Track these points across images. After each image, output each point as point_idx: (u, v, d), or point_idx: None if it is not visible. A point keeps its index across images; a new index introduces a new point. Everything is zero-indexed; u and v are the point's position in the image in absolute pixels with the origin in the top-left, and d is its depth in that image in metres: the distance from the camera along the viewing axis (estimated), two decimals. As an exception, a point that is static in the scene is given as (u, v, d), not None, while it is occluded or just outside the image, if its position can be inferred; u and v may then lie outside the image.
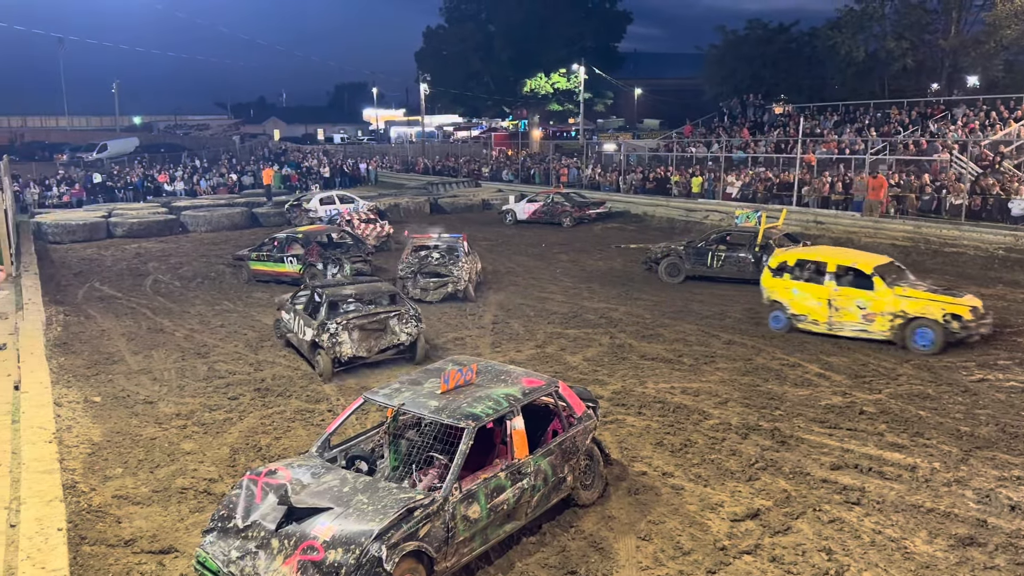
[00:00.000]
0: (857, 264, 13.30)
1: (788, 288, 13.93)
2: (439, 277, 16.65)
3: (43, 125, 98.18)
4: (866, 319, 13.02)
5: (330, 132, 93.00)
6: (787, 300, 13.93)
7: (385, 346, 12.25)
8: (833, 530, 7.21)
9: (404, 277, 16.82)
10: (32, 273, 19.00)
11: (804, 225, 24.37)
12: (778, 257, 14.40)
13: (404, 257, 17.69)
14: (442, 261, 17.15)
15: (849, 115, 36.21)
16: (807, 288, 13.63)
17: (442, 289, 16.53)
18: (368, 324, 12.08)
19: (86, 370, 12.29)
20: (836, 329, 13.35)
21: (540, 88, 56.03)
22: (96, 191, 37.76)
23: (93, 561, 6.70)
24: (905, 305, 12.69)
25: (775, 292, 14.18)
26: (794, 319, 13.83)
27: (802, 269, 13.93)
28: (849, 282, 13.24)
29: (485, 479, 6.58)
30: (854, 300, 13.05)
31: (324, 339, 11.71)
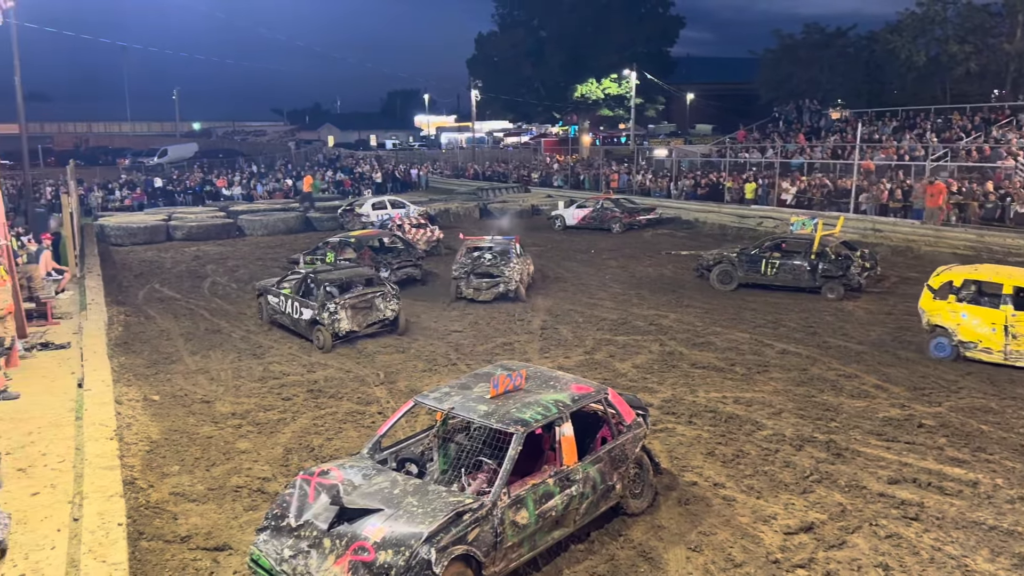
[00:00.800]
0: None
1: (956, 312, 12.58)
2: (491, 278, 17.10)
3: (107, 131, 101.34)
4: None
5: (382, 138, 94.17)
6: (954, 326, 12.55)
7: (373, 320, 14.43)
8: (890, 546, 7.02)
9: (458, 277, 17.25)
10: (95, 274, 19.63)
11: (862, 233, 23.86)
12: (941, 276, 12.96)
13: (458, 258, 18.15)
14: (494, 262, 17.54)
15: (909, 120, 35.38)
16: (977, 312, 12.33)
17: (494, 289, 16.94)
18: (359, 303, 14.25)
19: (146, 369, 12.63)
20: (1013, 359, 12.01)
21: (591, 94, 55.85)
22: (156, 195, 38.83)
23: (151, 556, 6.86)
24: None
25: (939, 316, 12.78)
26: (963, 347, 12.51)
27: (970, 290, 12.74)
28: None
29: (534, 485, 6.57)
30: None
31: (324, 317, 13.67)
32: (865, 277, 17.30)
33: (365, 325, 14.30)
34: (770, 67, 48.56)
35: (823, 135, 37.19)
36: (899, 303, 16.61)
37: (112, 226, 28.40)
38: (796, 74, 45.58)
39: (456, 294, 17.24)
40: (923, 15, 38.29)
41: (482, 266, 17.43)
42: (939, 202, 23.10)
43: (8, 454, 7.95)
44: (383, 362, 12.87)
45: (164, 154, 65.74)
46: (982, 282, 12.69)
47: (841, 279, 17.03)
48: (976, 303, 12.48)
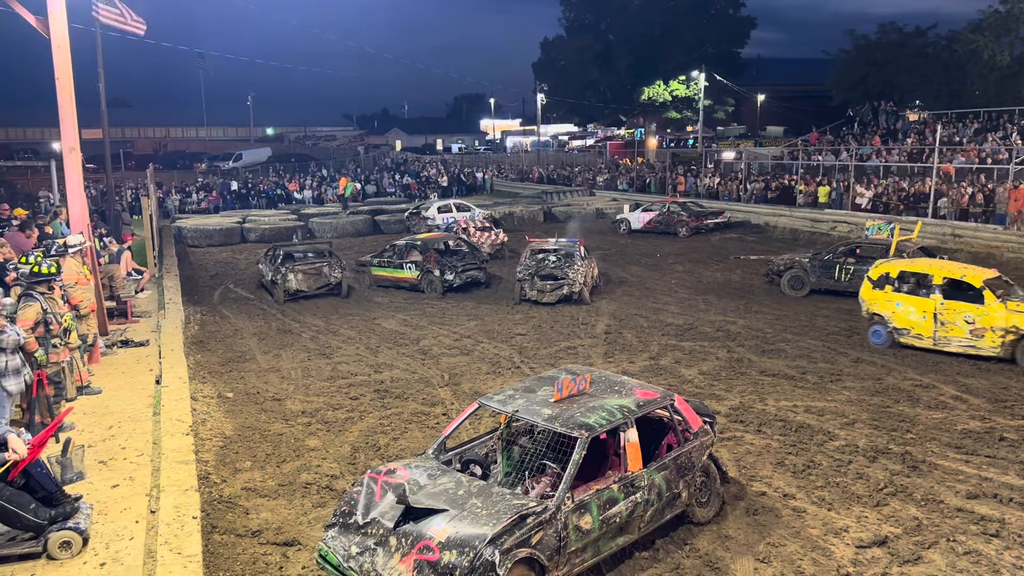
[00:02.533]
0: (966, 277, 12.90)
1: (891, 301, 13.57)
2: (555, 280, 17.17)
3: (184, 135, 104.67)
4: (974, 334, 12.60)
5: (448, 142, 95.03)
6: (889, 313, 13.59)
7: (320, 284, 18.46)
8: (968, 562, 6.75)
9: (522, 279, 17.43)
10: (173, 274, 20.31)
11: (940, 238, 23.04)
12: (879, 268, 14.08)
13: (522, 259, 18.31)
14: (558, 264, 17.57)
15: (991, 122, 34.01)
16: (911, 301, 13.28)
17: (557, 291, 17.01)
18: (308, 269, 18.35)
19: (220, 367, 13.00)
20: (941, 344, 12.96)
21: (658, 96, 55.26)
22: (231, 198, 39.98)
23: (223, 550, 7.05)
24: (1019, 320, 12.21)
25: (876, 305, 13.82)
26: (898, 333, 13.46)
27: (905, 281, 13.66)
28: (957, 296, 12.83)
29: (598, 490, 6.53)
30: (962, 314, 12.66)
31: (278, 279, 18.12)
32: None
33: (314, 287, 18.35)
34: (844, 68, 47.29)
35: (900, 137, 36.04)
36: (980, 311, 15.96)
37: (189, 228, 29.36)
38: (871, 75, 44.26)
39: (520, 295, 17.37)
40: (1007, 13, 36.76)
41: (546, 268, 17.51)
42: (1021, 207, 22.14)
43: (90, 447, 8.28)
44: (448, 364, 12.98)
45: (239, 158, 67.64)
46: (916, 273, 13.65)
47: None
48: (910, 293, 13.38)
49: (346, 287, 18.92)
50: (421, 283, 18.99)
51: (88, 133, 26.34)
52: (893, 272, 13.84)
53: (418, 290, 19.05)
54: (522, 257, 18.63)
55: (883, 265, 14.19)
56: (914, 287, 13.58)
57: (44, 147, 58.01)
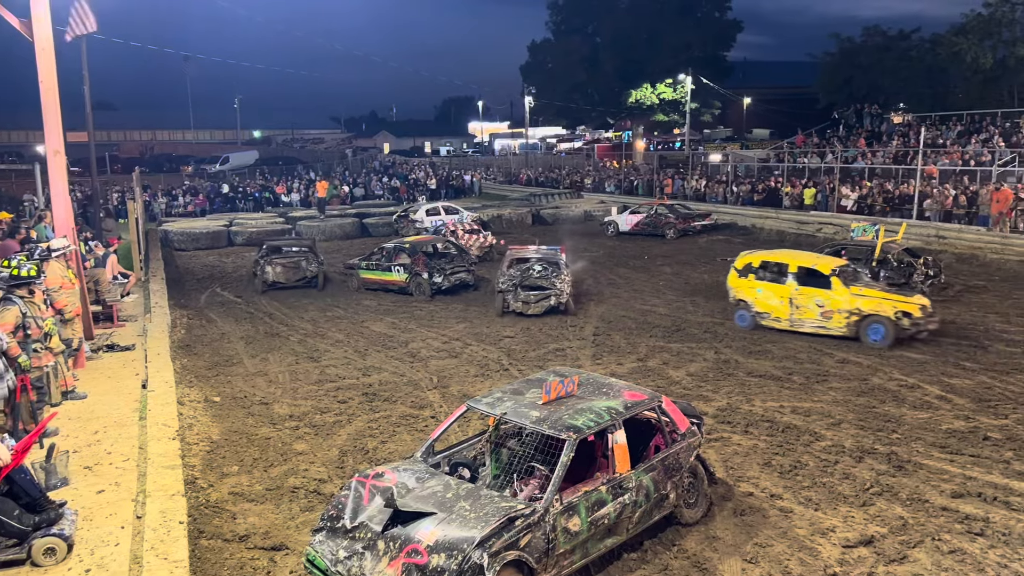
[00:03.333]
0: (817, 266, 14.35)
1: (754, 288, 14.93)
2: (540, 290, 16.43)
3: (171, 138, 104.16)
4: (824, 316, 14.06)
5: (437, 145, 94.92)
6: (752, 299, 14.95)
7: (298, 277, 20.06)
8: (953, 561, 6.80)
9: (505, 290, 16.55)
10: (159, 278, 20.21)
11: (925, 239, 23.22)
12: (743, 259, 15.44)
13: (504, 269, 17.47)
14: (544, 274, 16.77)
15: (974, 125, 34.34)
16: (770, 288, 14.64)
17: (544, 302, 16.30)
18: (286, 262, 20.05)
19: (207, 371, 12.94)
20: (796, 326, 14.39)
21: (645, 99, 55.52)
22: (219, 201, 39.82)
23: (210, 555, 7.01)
24: (860, 303, 13.71)
25: (741, 292, 15.19)
26: (759, 317, 14.86)
27: (766, 270, 14.95)
28: (809, 282, 14.18)
29: (586, 492, 6.54)
30: (814, 299, 14.07)
31: (258, 271, 20.01)
32: (928, 285, 16.84)
33: (292, 280, 19.99)
34: (829, 71, 47.64)
35: (884, 140, 36.31)
36: (963, 312, 16.10)
37: (175, 231, 29.21)
38: (856, 78, 44.60)
39: (503, 308, 16.55)
40: (990, 16, 37.12)
41: (531, 278, 16.64)
42: (1002, 209, 22.35)
43: (75, 452, 8.22)
44: (436, 367, 12.97)
45: (226, 161, 67.41)
46: (774, 263, 14.99)
47: (903, 287, 16.59)
48: (769, 281, 14.74)
49: (322, 280, 20.28)
50: (409, 286, 18.97)
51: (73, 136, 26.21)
52: (755, 262, 15.16)
53: (406, 293, 19.03)
54: (502, 266, 17.84)
55: (746, 256, 15.57)
56: (773, 275, 14.81)
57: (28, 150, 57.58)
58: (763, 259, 15.22)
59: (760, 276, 14.96)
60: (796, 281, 14.35)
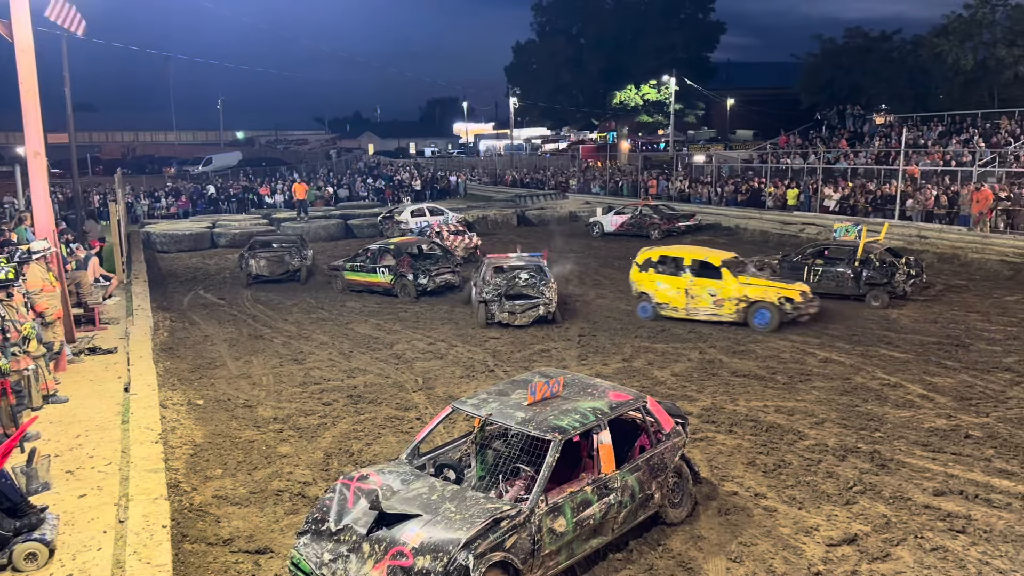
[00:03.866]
0: (708, 258, 15.57)
1: (654, 281, 16.00)
2: (527, 299, 15.61)
3: (153, 140, 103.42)
4: (716, 304, 15.21)
5: (421, 146, 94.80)
6: (652, 291, 16.00)
7: (281, 271, 20.92)
8: (936, 559, 6.86)
9: (489, 300, 15.55)
10: (141, 280, 20.04)
11: (907, 239, 23.42)
12: (643, 255, 16.55)
13: (487, 278, 16.25)
14: (530, 282, 15.78)
15: (955, 126, 34.65)
16: (668, 280, 15.74)
17: (531, 312, 15.50)
18: (270, 256, 21.01)
19: (190, 374, 12.86)
20: (692, 314, 15.50)
21: (630, 100, 55.73)
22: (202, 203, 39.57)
23: (194, 559, 6.97)
24: (748, 291, 14.92)
25: (642, 285, 16.27)
26: (659, 308, 15.89)
27: (664, 264, 16.07)
28: (702, 274, 15.38)
29: (571, 492, 6.54)
30: (707, 289, 15.24)
31: (243, 264, 20.96)
32: (910, 284, 16.97)
33: (276, 273, 20.86)
34: (812, 72, 47.95)
35: (867, 140, 36.59)
36: (945, 311, 16.25)
37: (158, 233, 29.01)
38: (838, 79, 44.92)
39: (487, 319, 15.60)
40: (970, 18, 37.47)
41: (516, 286, 15.67)
42: (982, 208, 22.57)
43: (57, 456, 8.14)
44: (421, 368, 12.94)
45: (209, 162, 67.03)
46: (672, 257, 16.14)
47: (885, 286, 16.73)
48: (668, 274, 15.85)
49: (305, 274, 21.17)
50: (394, 287, 18.93)
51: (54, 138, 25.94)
52: (654, 257, 16.34)
53: (391, 294, 18.98)
54: (480, 275, 16.68)
55: (646, 252, 16.68)
56: (670, 269, 15.93)
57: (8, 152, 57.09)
58: (661, 254, 16.38)
59: (659, 270, 16.08)
60: (691, 273, 15.51)
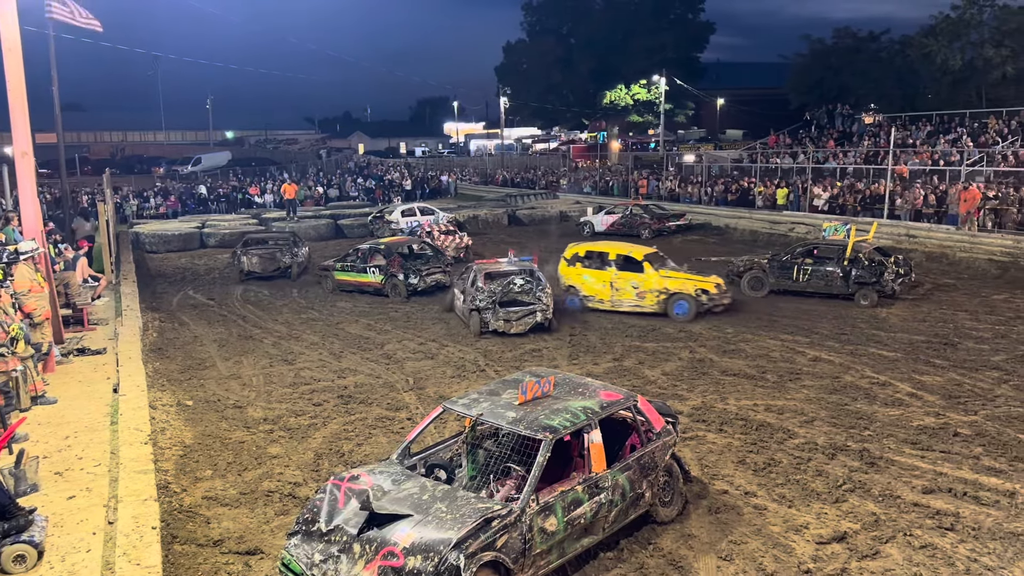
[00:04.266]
0: (631, 253, 16.56)
1: (581, 275, 16.90)
2: (523, 305, 14.95)
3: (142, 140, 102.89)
4: (639, 296, 16.13)
5: (412, 146, 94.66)
6: (580, 284, 16.88)
7: (273, 267, 21.52)
8: (925, 556, 6.90)
9: (483, 308, 14.86)
10: (130, 281, 19.93)
11: (895, 239, 23.54)
12: (571, 250, 17.44)
13: (480, 285, 15.38)
14: (525, 287, 15.22)
15: (943, 125, 34.86)
16: (594, 274, 16.65)
17: (528, 319, 14.80)
18: (262, 253, 21.68)
19: (179, 374, 12.81)
20: (617, 306, 16.38)
21: (620, 100, 55.82)
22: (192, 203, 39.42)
23: (184, 560, 6.95)
24: (668, 284, 15.96)
25: (570, 279, 17.12)
26: (586, 300, 16.75)
27: (590, 259, 16.95)
28: (626, 268, 16.36)
29: (562, 492, 6.55)
30: (630, 282, 16.18)
31: (235, 261, 21.63)
32: (899, 283, 17.06)
33: (269, 270, 21.41)
34: (801, 72, 48.12)
35: (856, 140, 36.75)
36: (934, 310, 16.35)
37: (147, 233, 28.89)
38: (827, 79, 45.10)
39: (480, 328, 14.87)
40: (958, 18, 37.69)
41: (511, 292, 15.08)
42: (969, 208, 22.71)
43: (45, 458, 8.09)
44: (412, 368, 12.93)
45: (198, 162, 66.79)
46: (597, 252, 17.08)
47: (874, 285, 16.82)
48: (594, 268, 16.77)
49: (296, 271, 21.68)
50: (385, 287, 18.90)
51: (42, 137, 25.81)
52: (581, 252, 17.24)
53: (382, 294, 18.95)
54: (468, 281, 15.86)
55: (573, 247, 17.55)
56: (596, 263, 16.80)
57: (-5, 152, 56.52)
58: (587, 249, 17.33)
59: (585, 264, 16.98)
60: (615, 267, 16.43)
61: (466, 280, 16.10)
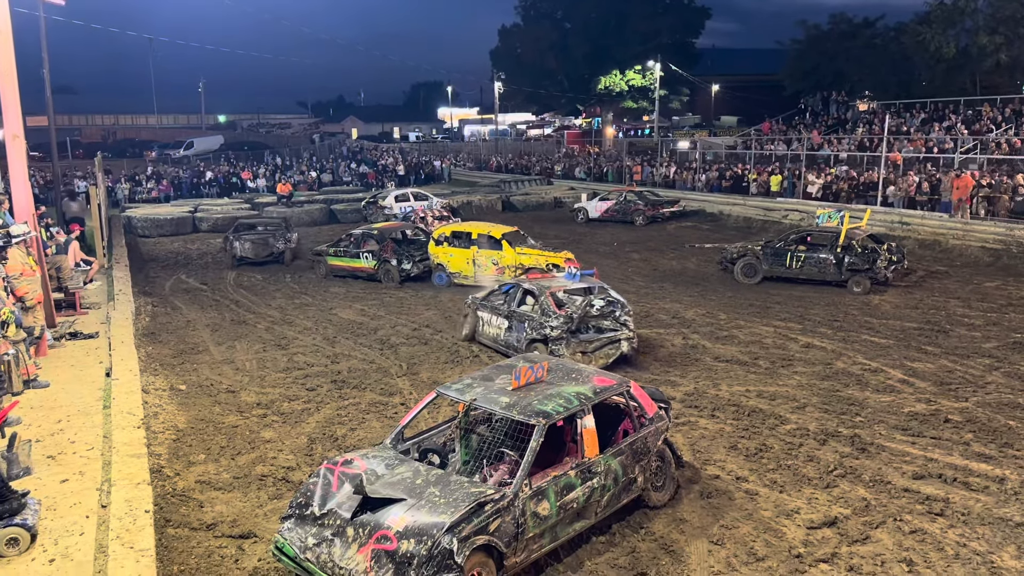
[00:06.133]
0: (491, 232, 17.95)
1: (447, 253, 18.23)
2: (604, 332, 11.81)
3: (134, 123, 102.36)
4: (499, 271, 17.25)
5: (406, 131, 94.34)
6: (446, 262, 18.22)
7: (266, 253, 21.46)
8: (915, 541, 6.96)
9: (555, 337, 11.49)
10: (123, 265, 19.87)
11: (889, 226, 23.58)
12: (439, 230, 18.85)
13: (551, 308, 11.85)
14: (606, 310, 11.98)
15: (937, 113, 34.88)
16: (459, 252, 18.03)
17: (610, 350, 11.56)
18: (255, 239, 21.52)
19: (172, 359, 12.79)
20: (480, 281, 17.22)
21: (615, 85, 55.62)
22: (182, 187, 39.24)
23: (177, 543, 6.96)
24: (522, 259, 17.28)
25: (438, 257, 18.40)
26: (452, 276, 18.12)
27: (456, 239, 18.29)
28: (486, 246, 17.68)
29: (555, 477, 6.58)
30: (490, 258, 17.55)
31: (228, 247, 21.59)
32: (892, 271, 17.11)
33: (261, 256, 21.36)
34: (796, 58, 48.02)
35: (850, 127, 36.75)
36: (926, 297, 16.41)
37: (139, 217, 28.77)
38: (822, 65, 45.02)
39: None
40: (952, 6, 37.64)
41: (588, 317, 11.82)
42: (963, 195, 22.76)
43: (38, 441, 8.09)
44: (406, 353, 12.94)
45: (190, 146, 66.47)
46: (461, 232, 18.59)
47: (867, 272, 16.87)
48: (459, 247, 18.13)
49: (289, 256, 21.69)
50: (378, 273, 18.87)
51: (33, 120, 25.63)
52: (447, 232, 18.61)
53: (375, 280, 18.93)
54: (514, 302, 12.58)
55: (441, 228, 19.12)
56: (461, 242, 18.14)
57: (-14, 134, 56.09)
58: (453, 230, 18.77)
59: (452, 243, 18.27)
60: (477, 246, 17.78)
61: (507, 301, 12.80)
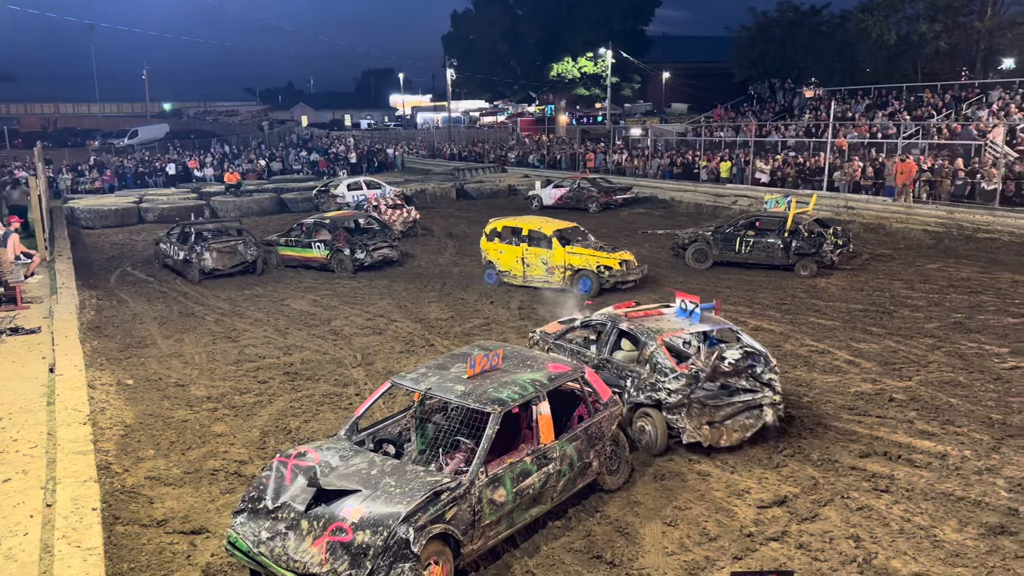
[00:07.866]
0: (542, 228, 16.29)
1: (497, 250, 16.80)
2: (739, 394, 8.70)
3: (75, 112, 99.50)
4: (549, 272, 16.08)
5: (357, 118, 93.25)
6: (496, 260, 16.84)
7: (236, 262, 18.28)
8: (861, 517, 7.16)
9: (675, 405, 8.33)
10: (66, 258, 19.31)
11: (835, 210, 24.06)
12: (491, 225, 17.18)
13: (664, 361, 8.56)
14: (740, 364, 8.71)
15: (881, 99, 35.65)
16: (509, 249, 16.55)
17: (751, 421, 8.63)
18: (223, 248, 18.16)
19: (119, 353, 12.50)
20: (529, 281, 16.36)
21: (567, 73, 55.64)
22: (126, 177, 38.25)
23: (127, 540, 6.83)
24: (571, 260, 15.85)
25: (488, 254, 17.05)
26: (502, 275, 16.72)
27: (510, 234, 16.73)
28: (537, 244, 16.23)
29: (511, 463, 6.60)
30: (540, 257, 16.14)
31: (192, 258, 17.80)
32: (837, 254, 17.47)
33: (229, 266, 18.19)
34: (745, 46, 48.55)
35: (797, 113, 37.37)
36: (871, 279, 16.81)
37: (82, 209, 27.98)
38: (770, 52, 45.62)
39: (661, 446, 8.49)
40: (894, -7, 38.45)
41: (718, 373, 8.60)
42: (905, 180, 23.35)
43: (-21, 440, 7.85)
44: (360, 344, 12.83)
45: (135, 135, 64.78)
46: (511, 227, 16.81)
47: (814, 256, 17.20)
48: (509, 243, 16.59)
49: (261, 264, 18.90)
50: (331, 262, 18.66)
51: (-34, 109, 24.75)
52: (499, 227, 16.97)
53: (328, 270, 18.72)
54: (606, 347, 9.38)
55: (493, 222, 17.22)
56: (510, 239, 16.63)
57: (-83, 124, 54.10)
58: (504, 224, 16.98)
59: (503, 239, 16.76)
60: (527, 243, 16.29)
61: (596, 343, 9.84)
